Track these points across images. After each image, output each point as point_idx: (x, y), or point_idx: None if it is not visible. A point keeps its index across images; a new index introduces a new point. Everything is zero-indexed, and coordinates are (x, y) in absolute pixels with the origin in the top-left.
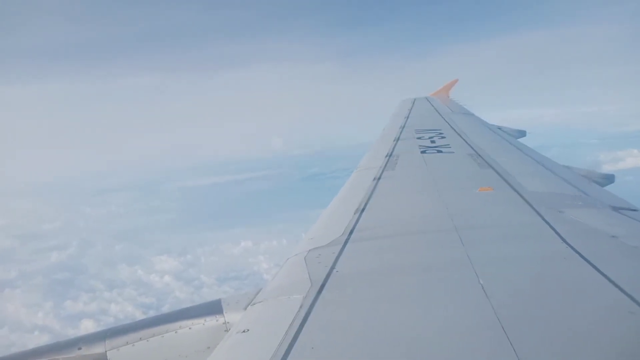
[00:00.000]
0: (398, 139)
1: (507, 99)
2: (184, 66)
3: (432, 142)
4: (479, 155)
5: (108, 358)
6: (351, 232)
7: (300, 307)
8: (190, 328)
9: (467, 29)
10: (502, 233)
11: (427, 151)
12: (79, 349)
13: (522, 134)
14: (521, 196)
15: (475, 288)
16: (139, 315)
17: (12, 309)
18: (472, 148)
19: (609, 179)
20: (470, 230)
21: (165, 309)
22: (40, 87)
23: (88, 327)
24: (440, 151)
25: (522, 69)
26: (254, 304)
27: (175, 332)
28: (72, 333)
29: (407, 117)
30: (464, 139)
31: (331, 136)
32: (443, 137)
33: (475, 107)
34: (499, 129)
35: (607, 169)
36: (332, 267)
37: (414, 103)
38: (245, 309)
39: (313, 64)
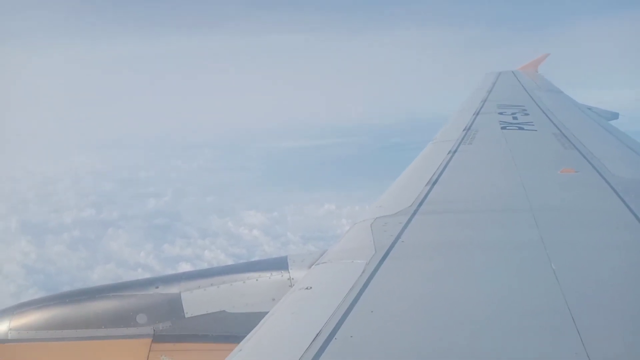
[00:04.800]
0: (478, 112)
1: (605, 77)
2: (277, 30)
3: (514, 118)
4: (564, 135)
5: (182, 298)
6: (420, 203)
7: (363, 271)
8: (257, 280)
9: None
10: (581, 218)
11: (507, 127)
12: (157, 287)
13: (615, 116)
14: (606, 181)
15: (546, 272)
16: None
17: (116, 246)
18: (557, 127)
19: None
20: (547, 212)
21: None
22: (144, 46)
23: (186, 269)
24: (522, 128)
25: (624, 45)
26: (319, 263)
27: (244, 282)
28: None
29: (490, 91)
30: (548, 117)
31: (413, 107)
32: (526, 114)
33: (566, 84)
34: (589, 109)
35: None
36: (398, 237)
37: (498, 77)
38: (310, 267)
39: (402, 32)
